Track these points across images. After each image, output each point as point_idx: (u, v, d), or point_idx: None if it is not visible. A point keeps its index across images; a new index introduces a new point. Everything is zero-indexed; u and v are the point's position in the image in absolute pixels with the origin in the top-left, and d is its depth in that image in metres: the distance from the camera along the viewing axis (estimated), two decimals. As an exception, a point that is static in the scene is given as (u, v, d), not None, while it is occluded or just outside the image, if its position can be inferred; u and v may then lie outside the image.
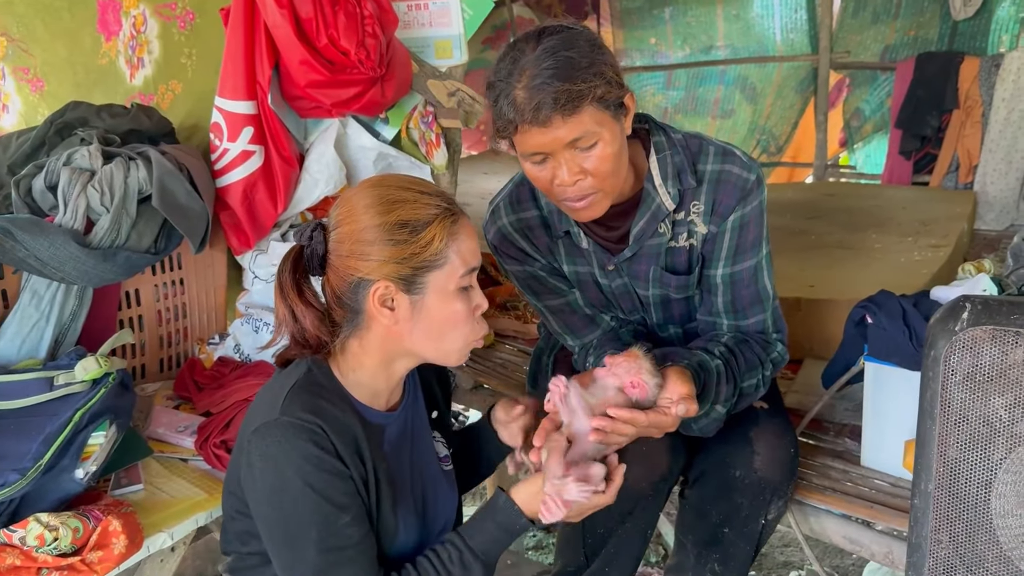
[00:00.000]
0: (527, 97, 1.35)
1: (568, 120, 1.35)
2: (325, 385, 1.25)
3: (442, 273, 1.23)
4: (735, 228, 1.57)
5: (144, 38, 2.44)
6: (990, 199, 4.35)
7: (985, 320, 1.20)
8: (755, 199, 1.57)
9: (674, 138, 1.58)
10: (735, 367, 1.57)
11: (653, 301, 1.69)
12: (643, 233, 1.59)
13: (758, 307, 1.63)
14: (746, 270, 1.60)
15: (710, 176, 1.57)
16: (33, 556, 1.34)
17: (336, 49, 1.91)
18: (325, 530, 1.16)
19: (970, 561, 1.24)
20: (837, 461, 1.89)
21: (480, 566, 1.25)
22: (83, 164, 1.83)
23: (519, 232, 1.68)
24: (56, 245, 1.70)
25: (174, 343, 2.19)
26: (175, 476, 1.72)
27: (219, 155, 2.03)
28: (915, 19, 4.93)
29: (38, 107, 2.79)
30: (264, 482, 1.17)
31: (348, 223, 1.23)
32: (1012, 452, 1.20)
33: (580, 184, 1.43)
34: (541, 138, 1.38)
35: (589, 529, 1.67)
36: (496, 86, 1.40)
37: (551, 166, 1.43)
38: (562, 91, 1.33)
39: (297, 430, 1.15)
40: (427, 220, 1.22)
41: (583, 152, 1.40)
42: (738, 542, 1.64)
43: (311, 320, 1.25)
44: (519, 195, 1.68)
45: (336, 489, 1.17)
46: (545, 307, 1.75)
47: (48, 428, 1.47)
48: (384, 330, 1.25)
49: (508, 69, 1.38)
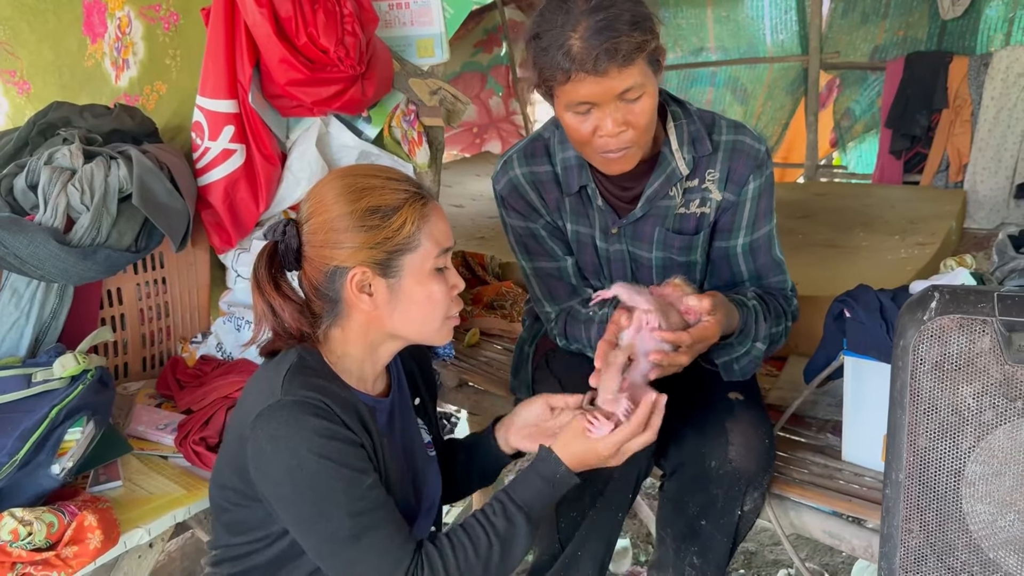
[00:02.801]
0: (585, 47, 1.39)
1: (623, 71, 1.41)
2: (317, 369, 1.26)
3: (416, 255, 1.25)
4: (755, 197, 1.66)
5: (129, 40, 2.45)
6: (980, 198, 4.36)
7: (953, 309, 1.20)
8: (767, 169, 1.66)
9: (690, 109, 1.66)
10: (767, 311, 1.64)
11: (655, 264, 1.73)
12: (655, 195, 1.65)
13: (777, 270, 1.73)
14: (763, 238, 1.69)
15: (725, 145, 1.65)
16: (7, 551, 1.34)
17: (316, 47, 1.92)
18: (352, 495, 1.16)
19: (941, 550, 1.25)
20: (818, 456, 1.89)
21: (523, 517, 1.25)
22: (64, 163, 1.84)
23: (530, 184, 1.72)
24: (36, 243, 1.70)
25: (156, 342, 2.19)
26: (154, 473, 1.72)
27: (200, 153, 2.04)
28: (904, 19, 4.94)
29: (24, 109, 2.79)
30: (279, 463, 1.16)
31: (319, 214, 1.24)
32: (981, 441, 1.21)
33: (622, 136, 1.48)
34: (594, 87, 1.42)
35: (562, 514, 1.68)
36: (546, 36, 1.43)
37: (595, 116, 1.47)
38: (622, 42, 1.39)
39: (302, 407, 1.16)
40: (397, 204, 1.24)
41: (629, 104, 1.46)
42: (715, 534, 1.65)
43: (290, 313, 1.26)
44: (534, 149, 1.73)
45: (351, 455, 1.18)
46: (534, 269, 1.79)
47: (24, 424, 1.47)
48: (364, 316, 1.27)
49: (561, 20, 1.42)
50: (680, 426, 1.69)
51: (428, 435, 1.48)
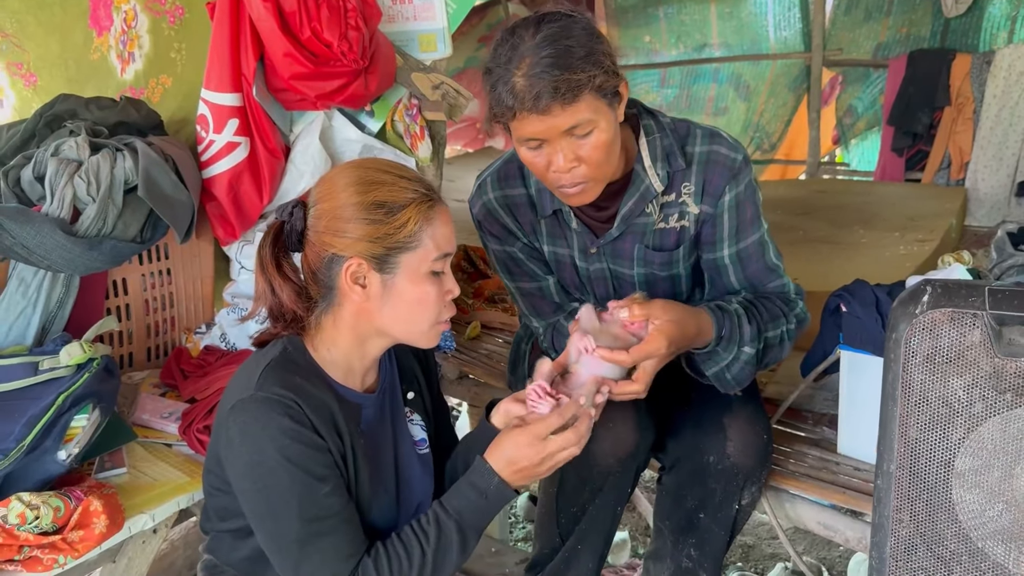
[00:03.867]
0: (527, 85, 1.36)
1: (567, 108, 1.37)
2: (300, 363, 1.28)
3: (414, 256, 1.26)
4: (732, 208, 1.61)
5: (135, 33, 2.47)
6: (981, 196, 4.37)
7: (944, 303, 1.22)
8: (745, 177, 1.60)
9: (663, 122, 1.61)
10: (756, 313, 1.59)
11: (638, 280, 1.71)
12: (631, 213, 1.61)
13: (772, 275, 1.67)
14: (751, 246, 1.64)
15: (699, 157, 1.60)
16: (15, 534, 1.37)
17: (319, 42, 1.94)
18: (306, 500, 1.19)
19: (930, 539, 1.26)
20: (814, 449, 1.91)
21: (454, 525, 1.26)
22: (70, 155, 1.86)
23: (504, 208, 1.70)
24: (43, 233, 1.72)
25: (161, 332, 2.22)
26: (158, 460, 1.74)
27: (205, 146, 2.06)
28: (907, 16, 4.95)
29: (31, 101, 2.82)
30: (243, 457, 1.20)
31: (327, 200, 1.26)
32: (971, 432, 1.22)
33: (574, 171, 1.45)
34: (539, 125, 1.40)
35: (562, 509, 1.70)
36: (494, 72, 1.42)
37: (547, 152, 1.45)
38: (562, 80, 1.35)
39: (273, 404, 1.18)
40: (404, 203, 1.25)
41: (579, 140, 1.42)
42: (713, 527, 1.67)
43: (288, 294, 1.28)
44: (507, 172, 1.71)
45: (314, 461, 1.19)
46: (517, 288, 1.79)
47: (31, 411, 1.50)
48: (355, 307, 1.28)
49: (507, 56, 1.40)
50: (678, 421, 1.71)
51: (423, 431, 1.48)
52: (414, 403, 1.49)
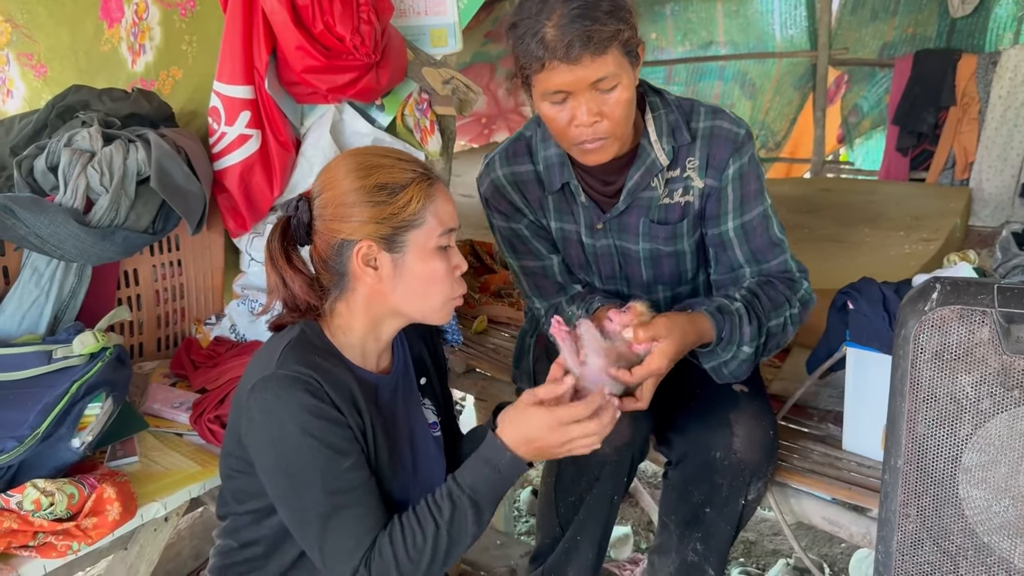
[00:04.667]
0: (558, 35, 1.40)
1: (595, 60, 1.41)
2: (318, 344, 1.30)
3: (420, 232, 1.29)
4: (735, 180, 1.64)
5: (146, 25, 2.48)
6: (985, 196, 4.38)
7: (953, 300, 1.23)
8: (748, 151, 1.64)
9: (668, 99, 1.66)
10: (758, 307, 1.60)
11: (643, 256, 1.73)
12: (636, 187, 1.65)
13: (776, 250, 1.68)
14: (756, 218, 1.66)
15: (703, 132, 1.64)
16: (29, 520, 1.38)
17: (332, 35, 1.94)
18: (328, 474, 1.21)
19: (937, 534, 1.28)
20: (819, 445, 1.92)
21: (467, 500, 1.27)
22: (83, 145, 1.87)
23: (512, 185, 1.73)
24: (56, 223, 1.73)
25: (171, 323, 2.23)
26: (170, 449, 1.76)
27: (217, 138, 2.07)
28: (913, 16, 4.95)
29: (42, 92, 2.82)
30: (265, 434, 1.22)
31: (330, 189, 1.29)
32: (978, 429, 1.24)
33: (596, 126, 1.49)
34: (568, 76, 1.43)
35: (561, 499, 1.73)
36: (522, 24, 1.45)
37: (570, 106, 1.48)
38: (593, 30, 1.39)
39: (293, 382, 1.20)
40: (404, 183, 1.28)
41: (603, 94, 1.46)
42: (719, 522, 1.68)
43: (300, 285, 1.31)
44: (515, 149, 1.74)
45: (335, 435, 1.22)
46: (521, 267, 1.81)
47: (46, 399, 1.51)
48: (368, 290, 1.30)
49: (537, 8, 1.44)
50: (683, 416, 1.72)
51: (434, 416, 1.51)
52: (425, 389, 1.52)
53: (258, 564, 1.37)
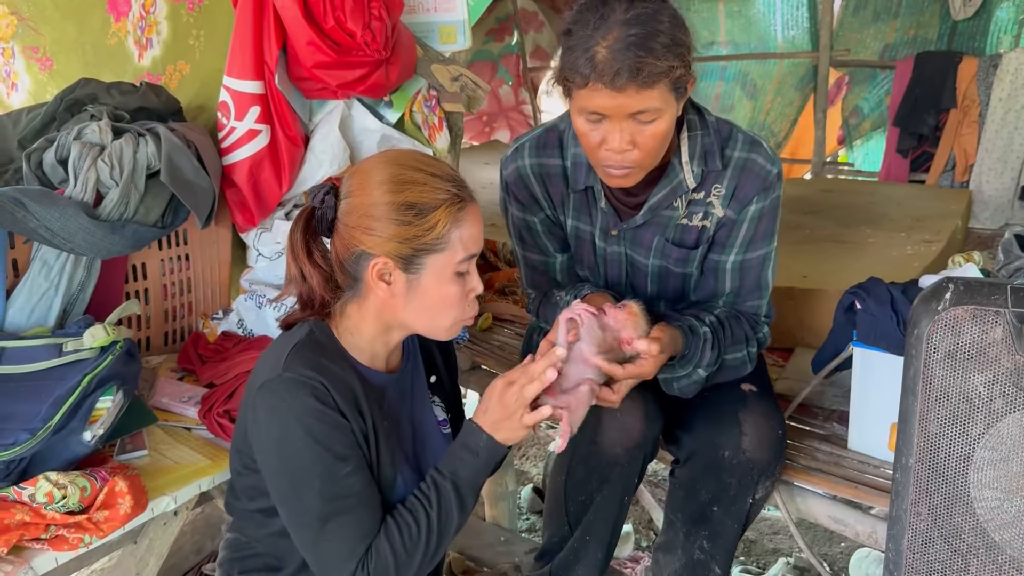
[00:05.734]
0: (609, 58, 1.35)
1: (640, 92, 1.37)
2: (326, 345, 1.31)
3: (441, 257, 1.27)
4: (753, 219, 1.62)
5: (153, 19, 2.47)
6: (985, 198, 4.39)
7: (966, 300, 1.24)
8: (774, 192, 1.62)
9: (707, 119, 1.62)
10: (722, 337, 1.63)
11: (651, 271, 1.73)
12: (659, 204, 1.63)
13: (757, 294, 1.70)
14: (755, 259, 1.66)
15: (736, 162, 1.61)
16: (42, 513, 1.38)
17: (343, 31, 1.95)
18: (327, 479, 1.22)
19: (948, 533, 1.29)
20: (825, 444, 1.93)
21: (451, 486, 1.30)
22: (93, 139, 1.87)
23: (536, 176, 1.71)
24: (66, 216, 1.73)
25: (179, 317, 2.23)
26: (179, 443, 1.76)
27: (226, 133, 2.06)
28: (915, 18, 4.96)
29: (47, 86, 2.81)
30: (269, 435, 1.23)
31: (360, 195, 1.27)
32: (990, 428, 1.25)
33: (626, 154, 1.46)
34: (608, 101, 1.39)
35: (571, 498, 1.73)
36: (576, 34, 1.40)
37: (604, 129, 1.45)
38: (645, 63, 1.35)
39: (299, 385, 1.21)
40: (434, 205, 1.26)
41: (640, 124, 1.43)
42: (726, 520, 1.69)
43: (318, 280, 1.31)
44: (546, 140, 1.71)
45: (337, 441, 1.23)
46: (524, 257, 1.82)
47: (57, 391, 1.51)
48: (380, 301, 1.31)
49: (595, 23, 1.38)
50: (692, 415, 1.73)
51: (444, 413, 1.51)
52: (435, 387, 1.52)
53: (267, 561, 1.38)
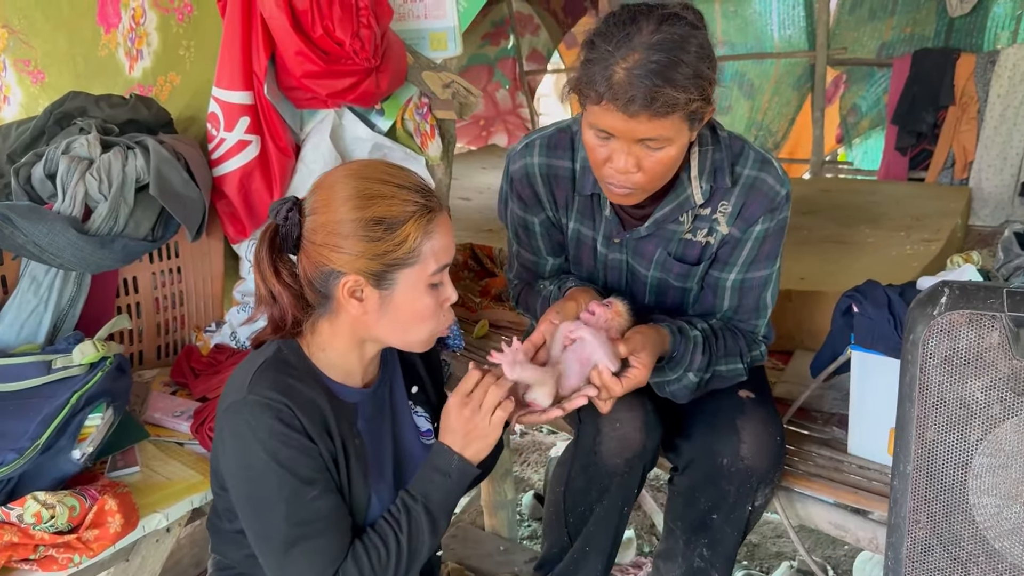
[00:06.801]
0: (625, 81, 1.32)
1: (653, 120, 1.35)
2: (294, 364, 1.28)
3: (413, 271, 1.25)
4: (758, 239, 1.61)
5: (143, 30, 2.47)
6: (985, 195, 4.38)
7: (963, 304, 1.23)
8: (781, 213, 1.60)
9: (720, 135, 1.59)
10: (714, 345, 1.62)
11: (650, 283, 1.72)
12: (664, 218, 1.61)
13: (755, 315, 1.69)
14: (756, 279, 1.65)
15: (745, 180, 1.58)
16: (30, 533, 1.37)
17: (331, 40, 1.93)
18: (293, 503, 1.20)
19: (947, 540, 1.27)
20: (824, 449, 1.91)
21: (422, 508, 1.28)
22: (82, 152, 1.86)
23: (543, 177, 1.69)
24: (55, 231, 1.72)
25: (171, 330, 2.22)
26: (171, 459, 1.74)
27: (216, 144, 2.05)
28: (912, 16, 4.95)
29: (39, 98, 2.81)
30: (234, 459, 1.22)
31: (325, 212, 1.23)
32: (988, 434, 1.23)
33: (630, 176, 1.44)
34: (618, 123, 1.37)
35: (570, 509, 1.72)
36: (599, 48, 1.37)
37: (611, 147, 1.43)
38: (661, 93, 1.31)
39: (263, 408, 1.19)
40: (403, 218, 1.22)
41: (648, 150, 1.41)
42: (725, 528, 1.67)
43: (288, 299, 1.28)
44: (558, 140, 1.68)
45: (302, 464, 1.21)
46: (516, 253, 1.81)
47: (46, 409, 1.50)
48: (352, 318, 1.28)
49: (619, 39, 1.34)
50: (690, 422, 1.72)
51: (428, 423, 1.48)
52: (417, 397, 1.49)
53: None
